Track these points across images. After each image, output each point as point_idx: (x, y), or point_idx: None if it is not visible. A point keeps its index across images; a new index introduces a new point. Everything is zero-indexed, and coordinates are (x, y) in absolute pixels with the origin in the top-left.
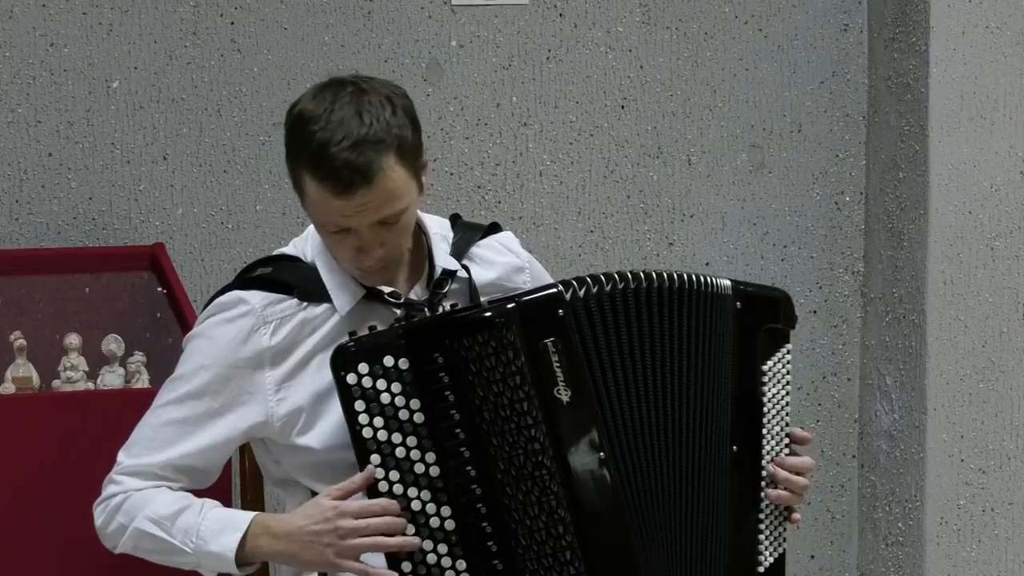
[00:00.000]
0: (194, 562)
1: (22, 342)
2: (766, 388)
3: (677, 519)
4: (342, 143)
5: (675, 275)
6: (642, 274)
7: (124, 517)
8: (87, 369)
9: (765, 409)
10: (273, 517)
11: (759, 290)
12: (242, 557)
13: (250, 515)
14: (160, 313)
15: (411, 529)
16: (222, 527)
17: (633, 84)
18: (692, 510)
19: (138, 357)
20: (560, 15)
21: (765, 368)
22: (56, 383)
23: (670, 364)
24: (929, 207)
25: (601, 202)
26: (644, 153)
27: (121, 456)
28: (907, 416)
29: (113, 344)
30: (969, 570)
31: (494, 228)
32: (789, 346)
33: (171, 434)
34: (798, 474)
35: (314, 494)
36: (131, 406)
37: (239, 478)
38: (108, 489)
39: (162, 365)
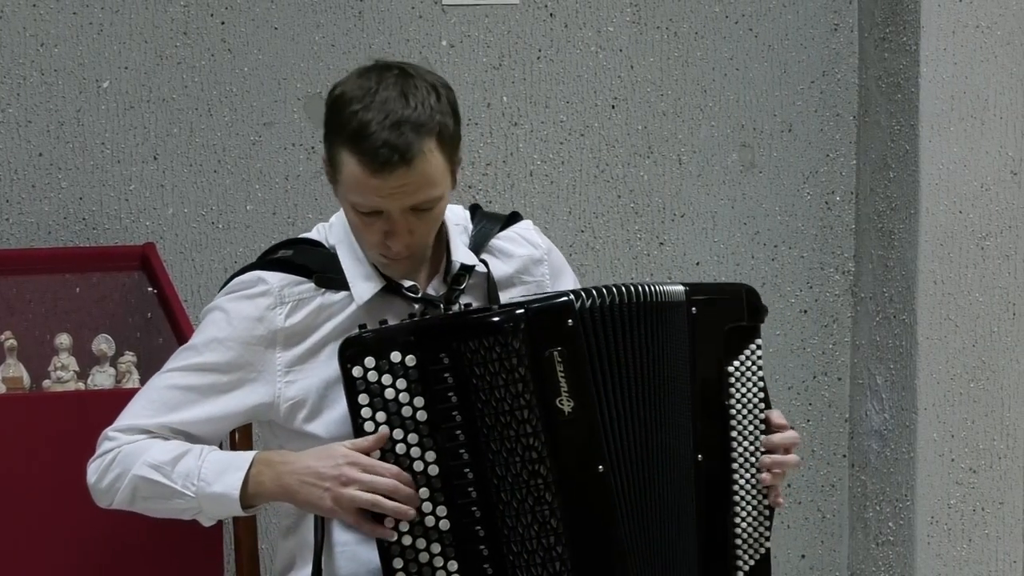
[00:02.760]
0: (195, 507)
1: (12, 342)
2: (734, 389)
3: (653, 530)
4: (384, 122)
5: (643, 287)
6: (644, 287)
7: (120, 467)
8: (77, 369)
9: (734, 411)
10: (278, 452)
11: (714, 291)
12: (245, 497)
13: (252, 452)
14: (151, 313)
15: (427, 506)
16: (224, 467)
17: (624, 84)
18: (664, 521)
19: (128, 357)
20: (550, 15)
21: (731, 369)
22: (47, 383)
23: (643, 375)
24: (919, 207)
25: (592, 202)
26: (635, 153)
27: (120, 417)
28: (898, 415)
29: (104, 344)
30: (960, 569)
31: (514, 218)
32: (759, 341)
33: (174, 399)
34: (785, 451)
35: None
36: (122, 406)
37: None
38: (103, 445)
39: (153, 365)
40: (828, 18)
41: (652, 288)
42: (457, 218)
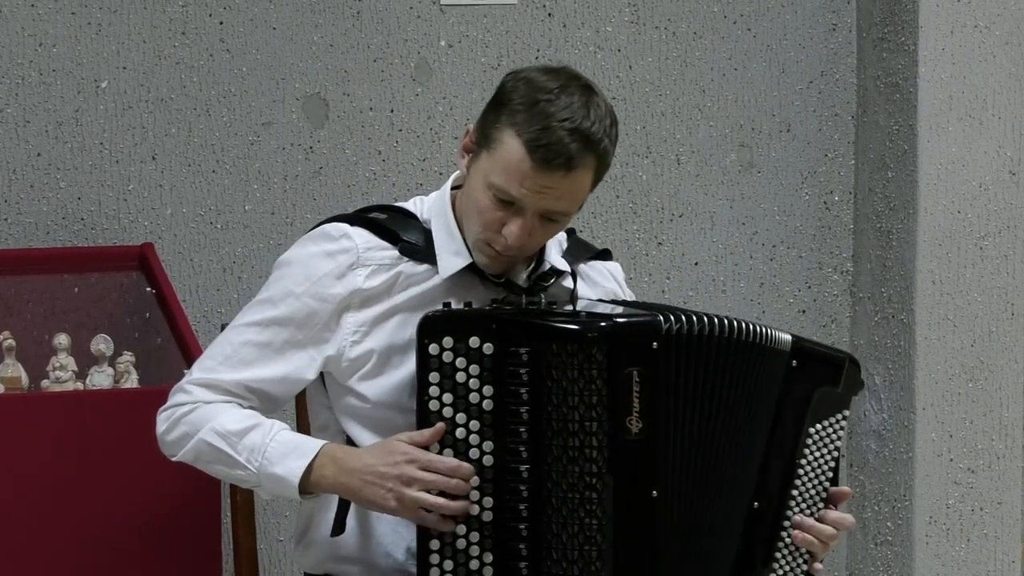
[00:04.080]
0: (255, 482)
1: (11, 342)
2: (808, 451)
3: (699, 567)
4: (565, 123)
5: (740, 323)
6: (727, 321)
7: (189, 427)
8: (76, 369)
9: (802, 471)
10: (342, 448)
11: (821, 350)
12: (305, 484)
13: (319, 442)
14: (149, 313)
15: (474, 495)
16: (290, 450)
17: (622, 84)
18: (712, 560)
19: (127, 357)
20: (549, 15)
21: (812, 431)
22: (45, 383)
23: (730, 414)
24: (918, 206)
25: (590, 201)
26: (633, 152)
27: (194, 368)
28: (896, 416)
29: (102, 344)
30: (958, 570)
31: (607, 254)
32: (847, 412)
33: (250, 355)
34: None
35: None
36: (120, 406)
37: None
38: (176, 397)
39: (151, 365)
40: (826, 18)
41: (751, 327)
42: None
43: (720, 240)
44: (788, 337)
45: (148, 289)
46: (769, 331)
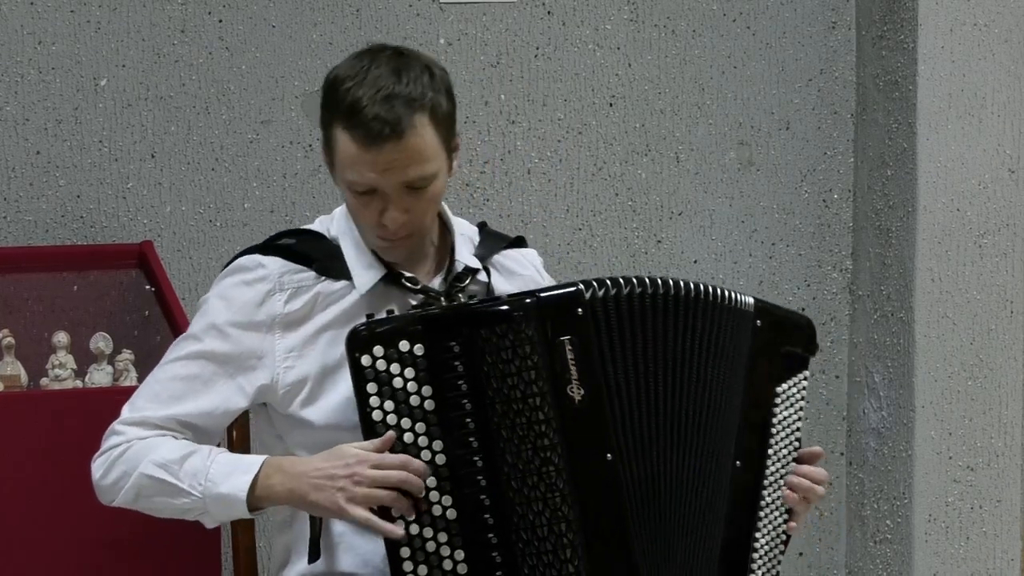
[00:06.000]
0: (200, 508)
1: (10, 340)
2: (777, 409)
3: (675, 527)
4: (376, 96)
5: (697, 284)
6: (660, 280)
7: (127, 465)
8: (75, 367)
9: (774, 430)
10: (287, 458)
11: (782, 312)
12: (253, 499)
13: (261, 456)
14: (148, 311)
15: (434, 495)
16: (232, 469)
17: (621, 82)
18: (690, 519)
19: (126, 355)
20: (548, 13)
21: (779, 390)
22: (44, 381)
23: (682, 372)
24: (917, 204)
25: (589, 200)
26: (632, 151)
27: (124, 409)
28: (895, 413)
29: (101, 342)
30: (957, 567)
31: (520, 242)
32: (807, 373)
33: (178, 390)
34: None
35: None
36: (119, 404)
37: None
38: (109, 441)
39: (150, 363)
40: (826, 16)
41: (697, 286)
42: (464, 229)
43: (719, 238)
44: (751, 299)
45: (147, 287)
46: (727, 292)
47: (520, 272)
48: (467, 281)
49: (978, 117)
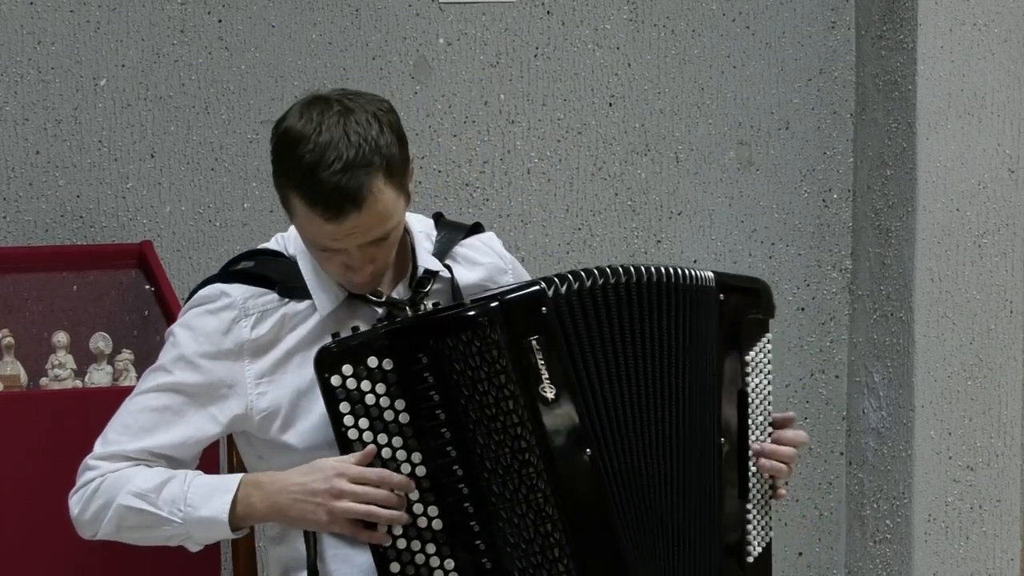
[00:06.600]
0: (183, 533)
1: (10, 340)
2: (749, 379)
3: (665, 514)
4: (332, 167)
5: (658, 269)
6: (620, 268)
7: (105, 498)
8: (75, 367)
9: (749, 400)
10: (265, 473)
11: (740, 281)
12: (234, 519)
13: (238, 475)
14: (148, 311)
15: (418, 508)
16: (211, 491)
17: (621, 81)
18: (680, 505)
19: (126, 355)
20: (548, 12)
21: (748, 358)
22: (44, 381)
23: (657, 359)
24: (917, 204)
25: (589, 200)
26: (632, 151)
27: (96, 444)
28: (895, 413)
29: (101, 342)
30: (957, 567)
31: (477, 228)
32: (769, 335)
33: (149, 422)
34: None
35: None
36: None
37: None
38: (84, 476)
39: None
40: (825, 16)
41: (659, 270)
42: (421, 225)
43: (719, 238)
44: (711, 273)
45: (147, 287)
46: (687, 271)
47: (482, 260)
48: (429, 286)
49: (978, 117)
